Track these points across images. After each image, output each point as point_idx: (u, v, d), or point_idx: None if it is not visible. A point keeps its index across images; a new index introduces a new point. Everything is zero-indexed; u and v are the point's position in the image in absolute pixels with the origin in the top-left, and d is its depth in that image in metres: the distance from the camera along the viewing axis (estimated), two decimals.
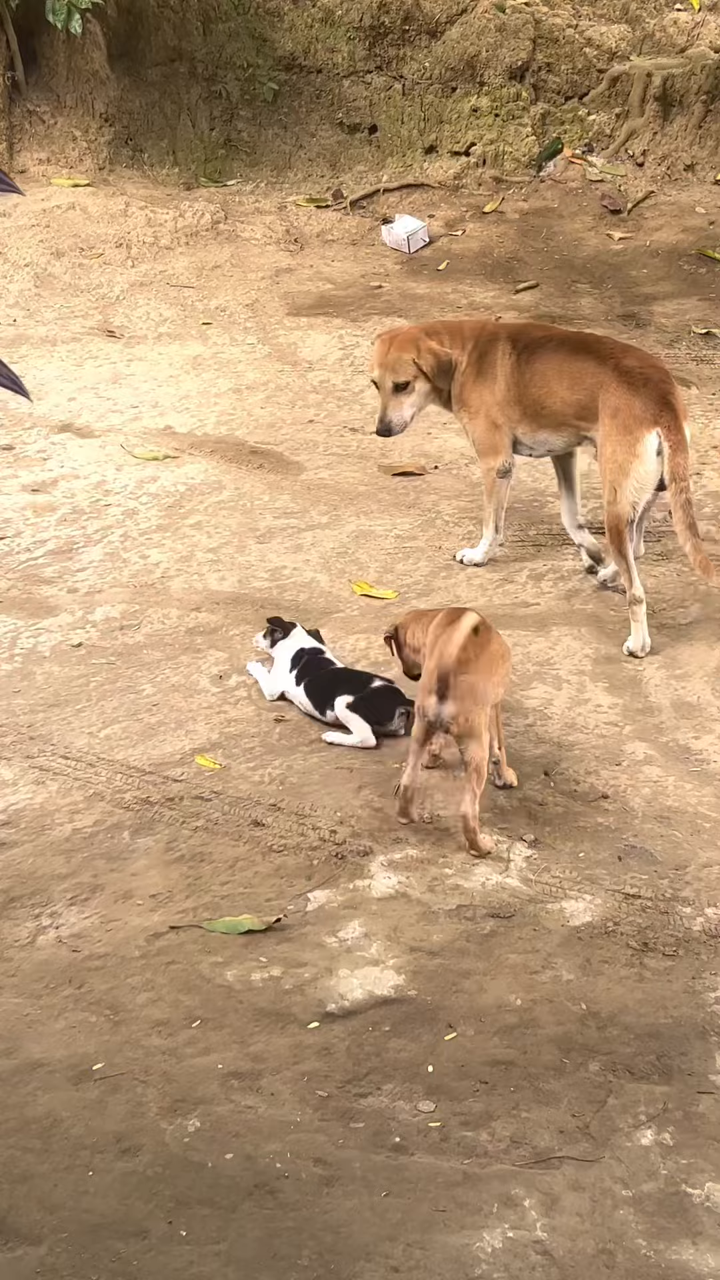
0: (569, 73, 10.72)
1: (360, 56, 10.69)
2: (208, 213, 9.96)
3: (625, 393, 5.45)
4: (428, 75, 10.68)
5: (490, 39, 10.54)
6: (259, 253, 9.72)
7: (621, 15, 10.92)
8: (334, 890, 4.31)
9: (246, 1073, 3.68)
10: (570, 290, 9.29)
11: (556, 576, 6.05)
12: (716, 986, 3.91)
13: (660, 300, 9.12)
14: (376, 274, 9.55)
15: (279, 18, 10.63)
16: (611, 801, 4.68)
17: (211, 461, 7.13)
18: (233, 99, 10.71)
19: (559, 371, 5.75)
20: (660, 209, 10.11)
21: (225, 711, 5.20)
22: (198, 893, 4.31)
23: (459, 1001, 3.89)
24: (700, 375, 8.06)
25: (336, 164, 10.70)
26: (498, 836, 4.51)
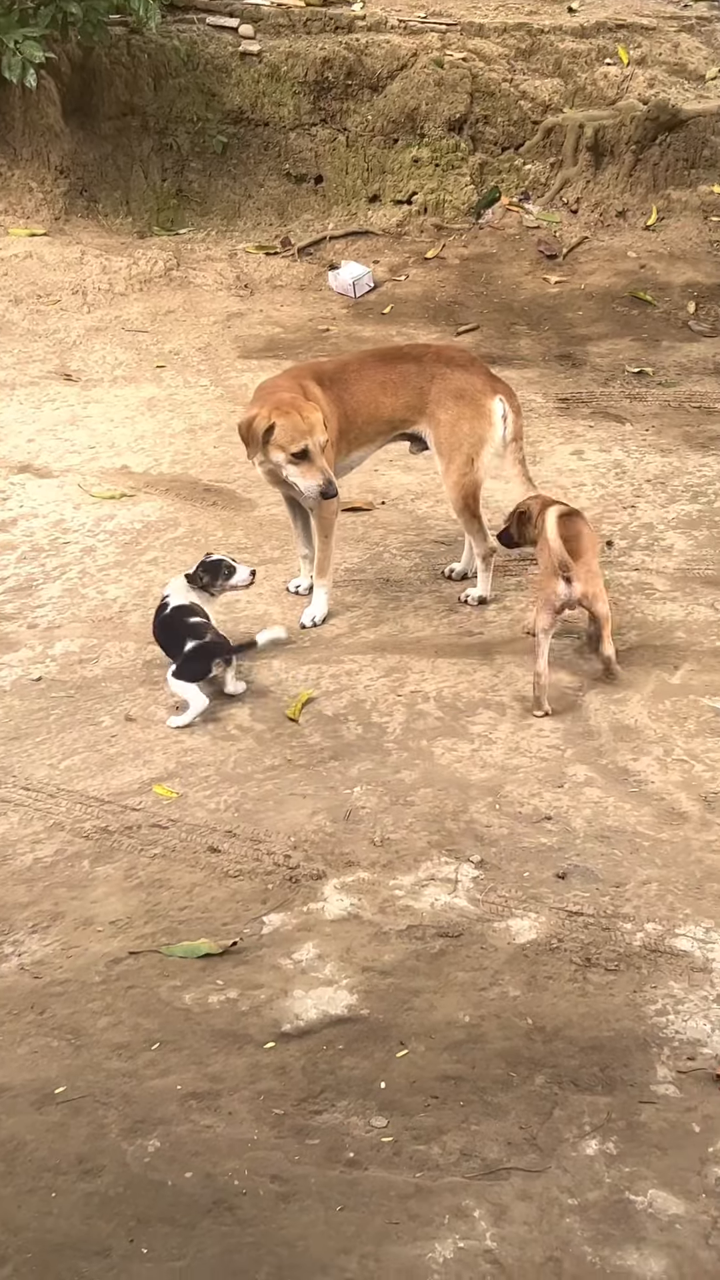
0: (505, 124, 10.82)
1: (305, 110, 10.76)
2: (161, 260, 9.97)
3: (463, 374, 5.89)
4: (370, 128, 10.75)
5: (429, 93, 10.64)
6: (211, 298, 9.73)
7: (554, 70, 11.03)
8: (289, 913, 4.30)
9: (205, 1093, 3.66)
10: (509, 332, 9.34)
11: (499, 607, 6.07)
12: (656, 999, 3.92)
13: (595, 341, 9.18)
14: (324, 318, 9.57)
15: (227, 73, 10.68)
16: (554, 822, 4.69)
17: (167, 499, 7.12)
18: (183, 151, 10.75)
19: (381, 385, 5.86)
20: (594, 254, 10.19)
21: (182, 741, 5.18)
22: (156, 918, 4.29)
23: (410, 1019, 3.88)
24: (634, 412, 8.12)
25: (284, 213, 10.74)
26: (445, 859, 4.51)
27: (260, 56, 10.69)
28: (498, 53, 11.02)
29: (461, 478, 5.88)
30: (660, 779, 4.90)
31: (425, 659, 5.68)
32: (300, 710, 5.31)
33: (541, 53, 11.12)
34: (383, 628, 5.92)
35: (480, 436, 5.86)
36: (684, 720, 5.23)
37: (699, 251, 10.09)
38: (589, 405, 8.24)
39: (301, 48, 10.73)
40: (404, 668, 5.62)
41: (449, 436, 5.86)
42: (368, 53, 10.75)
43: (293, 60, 10.68)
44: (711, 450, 7.56)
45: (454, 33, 11.09)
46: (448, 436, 5.86)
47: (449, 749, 5.10)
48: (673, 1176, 3.37)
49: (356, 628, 5.93)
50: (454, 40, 11.00)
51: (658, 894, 4.34)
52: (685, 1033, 3.80)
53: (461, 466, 5.87)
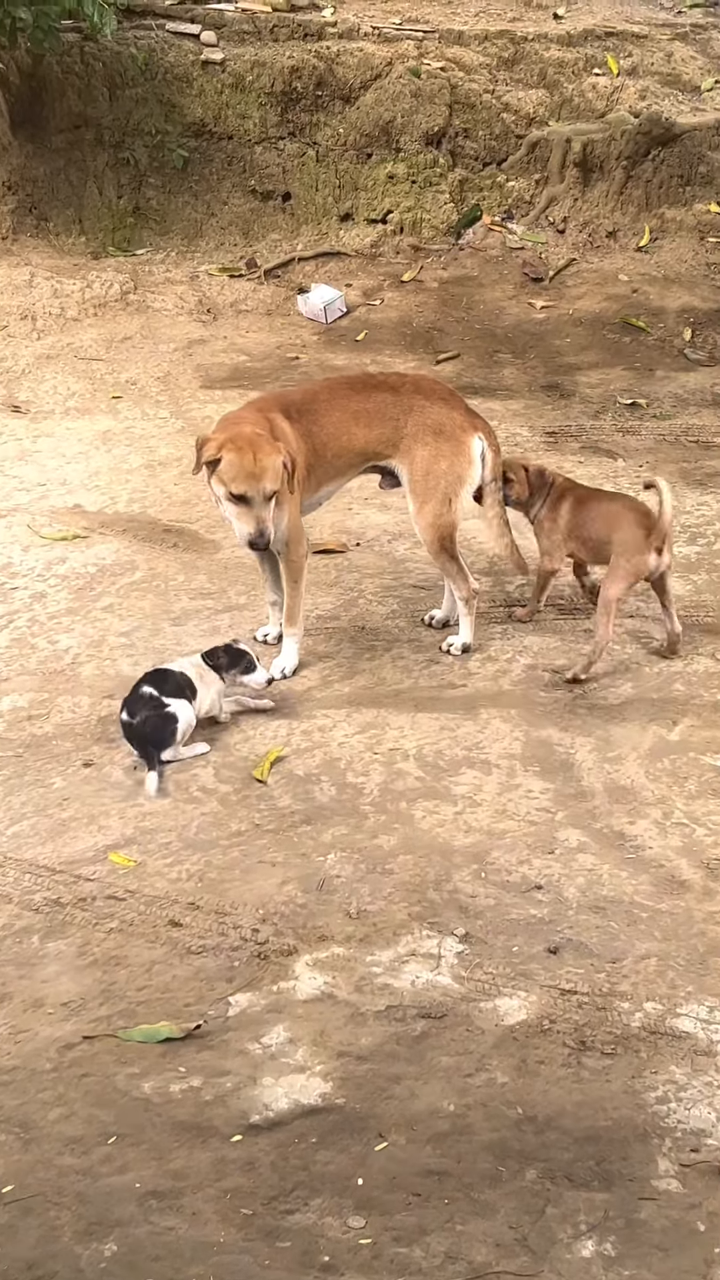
0: (487, 138, 10.95)
1: (272, 122, 10.86)
2: (116, 283, 10.03)
3: (442, 408, 5.94)
4: (342, 141, 10.86)
5: (405, 105, 10.75)
6: (170, 324, 9.79)
7: (539, 80, 11.17)
8: (257, 993, 4.27)
9: (166, 1191, 3.63)
10: (492, 360, 9.42)
11: (484, 657, 6.08)
12: (657, 1086, 3.91)
13: (584, 370, 9.27)
14: (293, 345, 9.64)
15: (188, 83, 10.78)
16: (545, 892, 4.68)
17: (123, 541, 7.13)
18: (141, 166, 10.83)
19: (353, 415, 5.88)
20: (583, 277, 10.31)
21: (140, 805, 5.16)
22: (112, 999, 4.26)
23: (389, 1109, 3.86)
24: (626, 447, 8.18)
25: (250, 232, 10.83)
26: (426, 932, 4.50)
27: (224, 65, 10.79)
28: (478, 62, 11.16)
29: (437, 519, 5.92)
30: (659, 844, 4.91)
31: (404, 713, 5.68)
32: (269, 770, 5.31)
33: (525, 62, 11.26)
34: (358, 680, 5.93)
35: (459, 475, 5.91)
36: (684, 780, 5.24)
37: (695, 274, 10.21)
38: (578, 439, 8.30)
39: (268, 56, 10.84)
40: (381, 723, 5.62)
41: (425, 474, 5.90)
42: (339, 62, 10.87)
43: (259, 69, 10.79)
44: (710, 488, 7.62)
45: (431, 41, 11.23)
46: (424, 474, 5.90)
47: (430, 812, 5.09)
48: None
49: (329, 680, 5.94)
50: (431, 49, 11.14)
51: (657, 970, 4.33)
52: (688, 1122, 3.79)
53: (437, 507, 5.91)
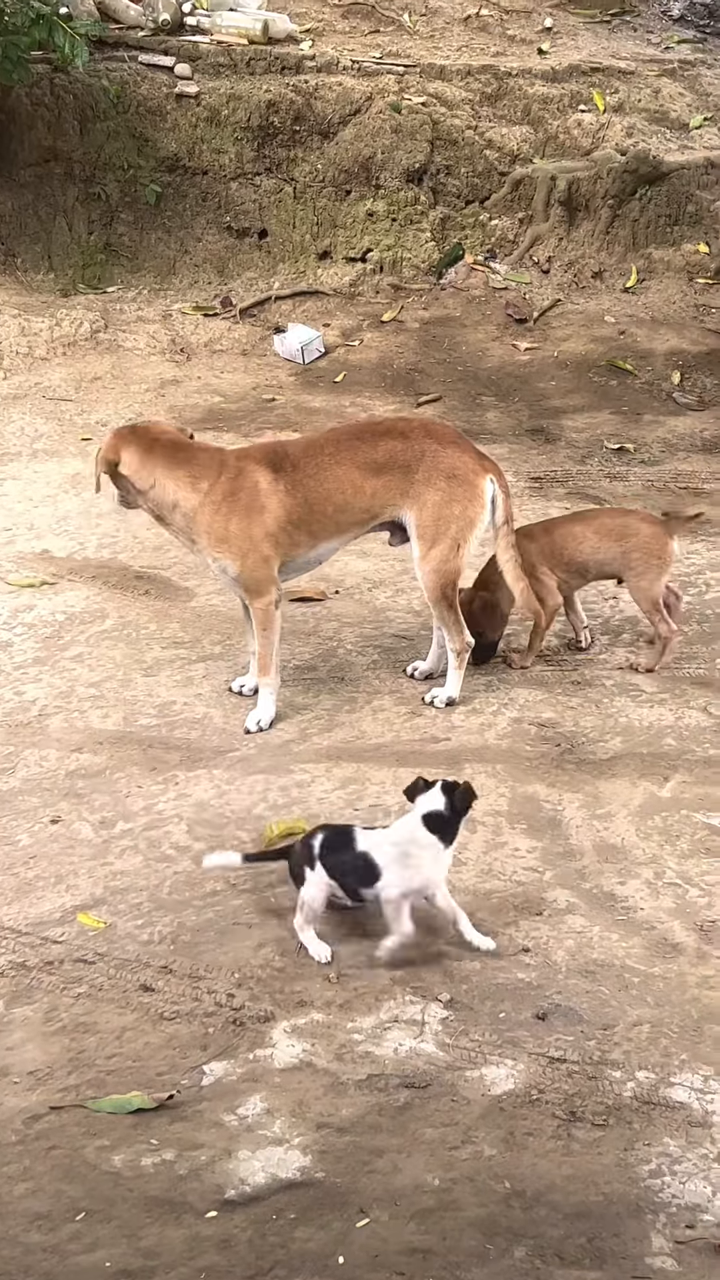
0: (469, 175, 11.04)
1: (248, 158, 10.93)
2: (86, 321, 10.07)
3: (454, 451, 5.99)
4: (320, 178, 10.93)
5: (386, 140, 10.83)
6: (142, 363, 9.82)
7: (523, 117, 11.28)
8: (232, 1061, 4.25)
9: (137, 1270, 3.60)
10: (475, 403, 9.47)
11: (468, 710, 6.10)
12: (651, 1159, 3.90)
13: (570, 414, 9.33)
14: (269, 386, 9.68)
15: (161, 117, 10.84)
16: (533, 955, 4.68)
17: (93, 588, 7.13)
18: (112, 201, 10.88)
19: (360, 467, 5.89)
20: (568, 318, 10.38)
21: (110, 863, 5.15)
22: (81, 1068, 4.23)
23: (371, 1183, 3.84)
24: (614, 492, 8.23)
25: (225, 270, 10.87)
26: (410, 997, 4.48)
27: (198, 99, 10.87)
28: (461, 97, 11.26)
29: (443, 564, 5.93)
30: (651, 905, 4.91)
31: (385, 768, 5.68)
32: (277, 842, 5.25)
33: (509, 98, 11.37)
34: (337, 733, 5.93)
35: (470, 519, 5.94)
36: (676, 839, 5.25)
37: (683, 316, 10.30)
38: (564, 485, 8.34)
39: (244, 90, 10.93)
40: (362, 778, 5.62)
41: (436, 519, 5.91)
42: (318, 96, 10.96)
43: (234, 103, 10.86)
44: (700, 536, 7.66)
45: (413, 75, 11.33)
46: (434, 519, 5.91)
47: None
48: None
49: (308, 733, 5.93)
50: (413, 83, 11.24)
51: (650, 1037, 4.33)
52: (683, 1197, 3.77)
53: (445, 552, 5.92)
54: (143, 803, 5.48)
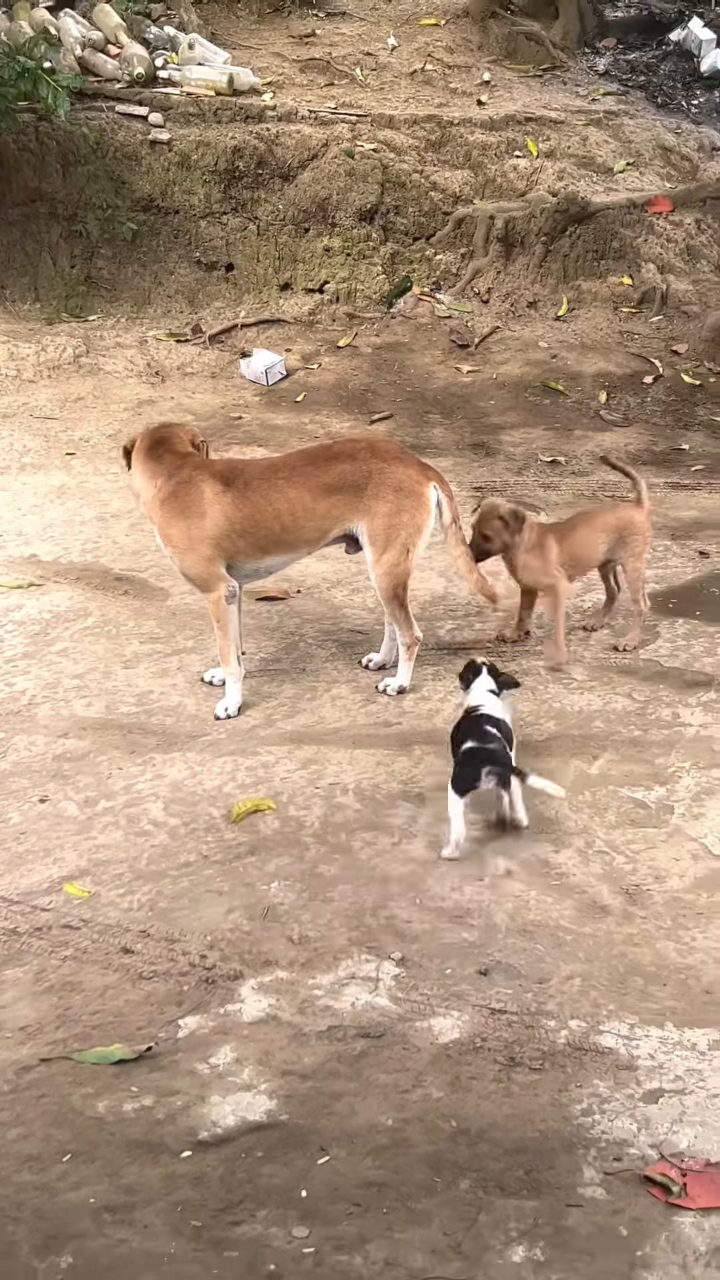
0: (416, 215, 11.04)
1: (216, 198, 10.91)
2: (69, 347, 10.02)
3: (400, 467, 5.98)
4: (281, 216, 10.92)
5: (340, 183, 10.84)
6: (121, 385, 9.78)
7: (464, 161, 11.29)
8: (205, 1016, 4.24)
9: (119, 1205, 3.59)
10: (423, 420, 9.48)
11: (417, 697, 6.10)
12: (582, 1099, 3.91)
13: (508, 430, 9.34)
14: (236, 405, 9.66)
15: (137, 161, 10.81)
16: (476, 917, 4.68)
17: (77, 589, 7.10)
18: (93, 238, 10.84)
19: (314, 489, 5.88)
20: (505, 343, 10.39)
21: (94, 838, 5.13)
22: (68, 1023, 4.22)
23: (331, 1124, 3.84)
24: (548, 501, 8.25)
25: (195, 300, 10.85)
26: (365, 956, 4.49)
27: (170, 145, 10.84)
28: (408, 144, 11.27)
29: (394, 567, 5.95)
30: (581, 871, 4.93)
31: (343, 750, 5.68)
32: (244, 817, 5.25)
33: (451, 144, 11.38)
34: (299, 718, 5.93)
35: (418, 526, 5.95)
36: (604, 811, 5.27)
37: (609, 342, 10.32)
38: (503, 494, 8.34)
39: (212, 137, 10.90)
40: (322, 759, 5.62)
41: (386, 527, 5.91)
42: (278, 142, 10.95)
43: (203, 149, 10.84)
44: None
45: (364, 124, 11.33)
46: (385, 527, 5.91)
47: (368, 843, 5.09)
48: None
49: (272, 718, 5.93)
50: (364, 131, 11.24)
51: (581, 990, 4.34)
52: (611, 1133, 3.79)
53: (395, 556, 5.93)
54: (123, 783, 5.46)
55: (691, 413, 9.65)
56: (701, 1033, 4.15)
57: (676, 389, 9.85)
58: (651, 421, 9.56)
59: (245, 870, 4.94)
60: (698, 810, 5.26)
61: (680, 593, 7.06)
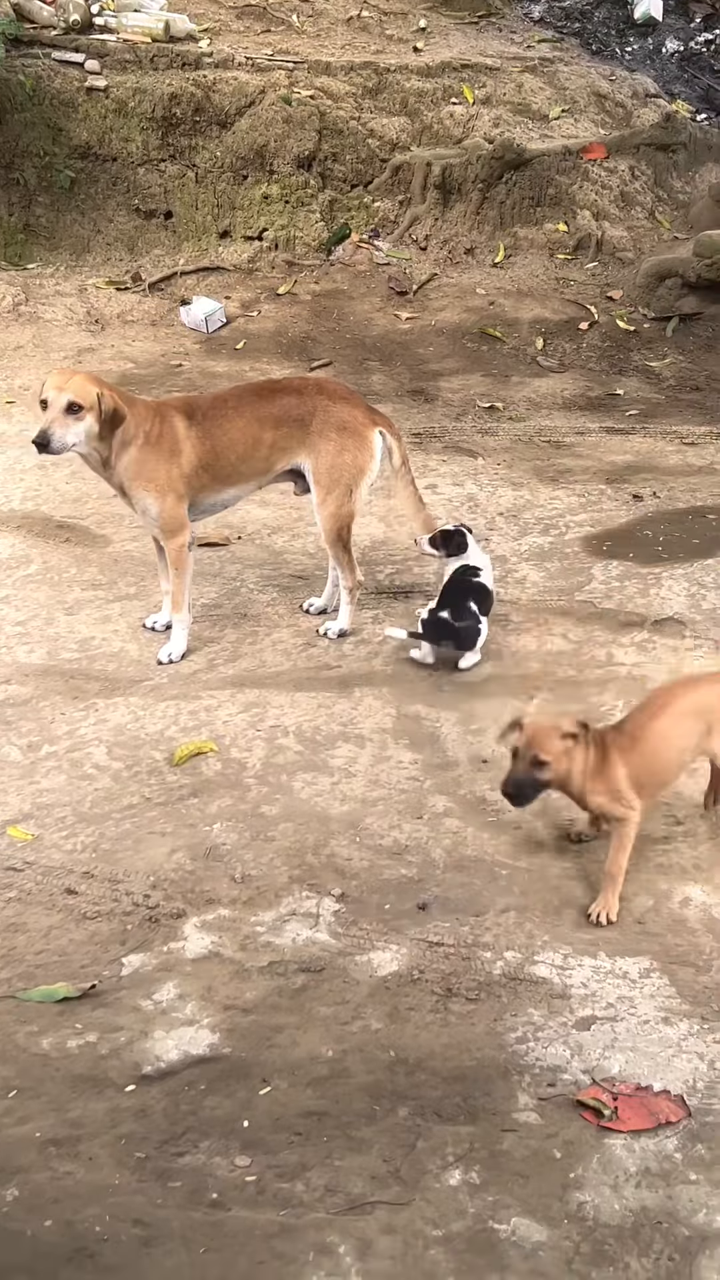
0: (354, 162, 10.94)
1: (154, 145, 10.76)
2: (8, 295, 9.89)
3: (346, 407, 5.97)
4: (219, 164, 10.80)
5: (278, 130, 10.72)
6: (61, 333, 9.67)
7: (401, 109, 11.19)
8: (148, 954, 4.26)
9: (64, 1139, 3.60)
10: (362, 367, 9.43)
11: (357, 640, 6.10)
12: (517, 1027, 3.96)
13: (446, 376, 9.32)
14: (177, 353, 9.58)
15: (74, 108, 10.64)
16: (414, 853, 4.72)
17: (18, 536, 7.04)
18: (30, 186, 10.67)
19: (260, 419, 5.85)
20: (444, 290, 10.34)
21: (37, 782, 5.11)
22: (12, 963, 4.22)
23: (273, 1056, 3.87)
24: (486, 446, 8.25)
25: (134, 248, 10.72)
26: (306, 893, 4.51)
27: (107, 92, 10.67)
28: (345, 91, 11.15)
29: (339, 508, 5.93)
30: (517, 809, 4.96)
31: (284, 693, 5.69)
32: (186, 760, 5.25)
33: (388, 91, 11.27)
34: (241, 663, 5.92)
35: (360, 468, 5.93)
36: None
37: (545, 288, 10.30)
38: (441, 440, 8.35)
39: (149, 84, 10.74)
40: (263, 702, 5.62)
41: (330, 468, 5.90)
42: (215, 89, 10.80)
43: (140, 96, 10.68)
44: (561, 484, 7.71)
45: (301, 71, 11.20)
46: (328, 467, 5.90)
47: (309, 783, 5.11)
48: (536, 1204, 3.40)
49: (215, 663, 5.92)
50: (301, 78, 11.11)
51: (516, 922, 4.38)
52: (545, 1059, 3.84)
53: (339, 497, 5.92)
54: (66, 728, 5.44)
55: (626, 358, 9.65)
56: (633, 961, 4.21)
57: (611, 335, 9.85)
58: (587, 367, 9.56)
59: (188, 812, 4.94)
60: None
61: (614, 535, 7.09)
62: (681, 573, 6.65)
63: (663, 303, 10.06)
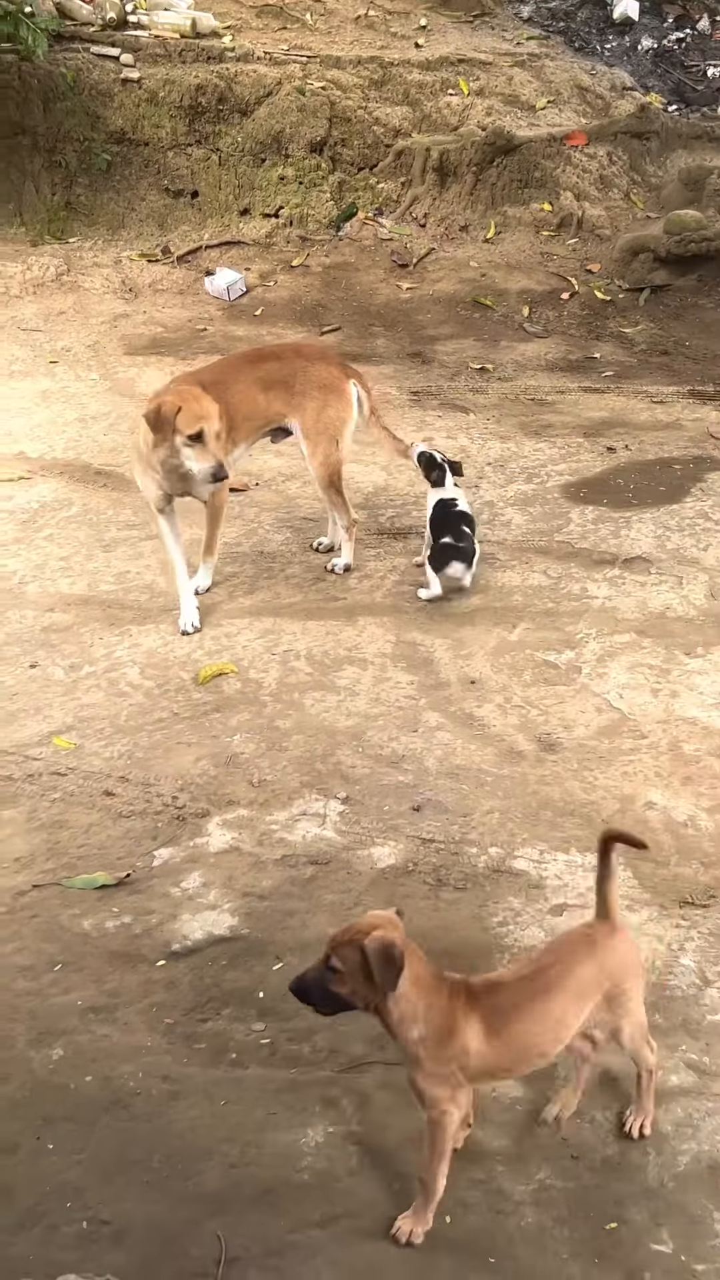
0: (360, 147, 10.78)
1: (182, 132, 10.60)
2: (52, 266, 9.79)
3: (323, 366, 5.92)
4: (240, 148, 10.64)
5: (293, 118, 10.55)
6: (99, 301, 9.58)
7: (403, 99, 11.00)
8: (177, 848, 4.30)
9: (103, 1007, 3.66)
10: (367, 332, 9.35)
11: (361, 575, 6.10)
12: (499, 913, 4.00)
13: (442, 340, 9.23)
14: (202, 319, 9.49)
15: (110, 98, 10.48)
16: (410, 762, 4.74)
17: (61, 482, 7.02)
18: (71, 168, 10.53)
19: (254, 383, 5.77)
20: (440, 263, 10.22)
21: (78, 698, 5.14)
22: (57, 855, 4.26)
23: (285, 936, 3.92)
24: (476, 403, 8.19)
25: (164, 224, 10.59)
26: (315, 796, 4.54)
27: (140, 83, 10.50)
28: (353, 83, 10.96)
29: (327, 458, 5.90)
30: (501, 723, 4.98)
31: (296, 621, 5.69)
32: (210, 680, 5.26)
33: (392, 83, 11.08)
34: (258, 595, 5.92)
35: (343, 419, 5.90)
36: (521, 672, 5.32)
37: (531, 262, 10.17)
38: (437, 397, 8.29)
39: (177, 76, 10.56)
40: (278, 629, 5.63)
41: (315, 422, 5.85)
42: (237, 81, 10.63)
43: (169, 87, 10.51)
44: (544, 437, 7.67)
45: (314, 64, 11.00)
46: (314, 422, 5.85)
47: (318, 700, 5.12)
48: None
49: (235, 595, 5.92)
50: (314, 71, 10.92)
51: (499, 822, 4.42)
52: (522, 940, 3.88)
53: (326, 447, 5.89)
54: (103, 651, 5.46)
55: (603, 325, 9.54)
56: None
57: (590, 304, 9.73)
58: (568, 333, 9.45)
59: (211, 725, 4.97)
60: (601, 670, 5.32)
61: (590, 483, 7.06)
62: (649, 517, 6.63)
63: (636, 275, 9.93)
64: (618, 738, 4.87)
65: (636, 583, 5.98)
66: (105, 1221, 3.03)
